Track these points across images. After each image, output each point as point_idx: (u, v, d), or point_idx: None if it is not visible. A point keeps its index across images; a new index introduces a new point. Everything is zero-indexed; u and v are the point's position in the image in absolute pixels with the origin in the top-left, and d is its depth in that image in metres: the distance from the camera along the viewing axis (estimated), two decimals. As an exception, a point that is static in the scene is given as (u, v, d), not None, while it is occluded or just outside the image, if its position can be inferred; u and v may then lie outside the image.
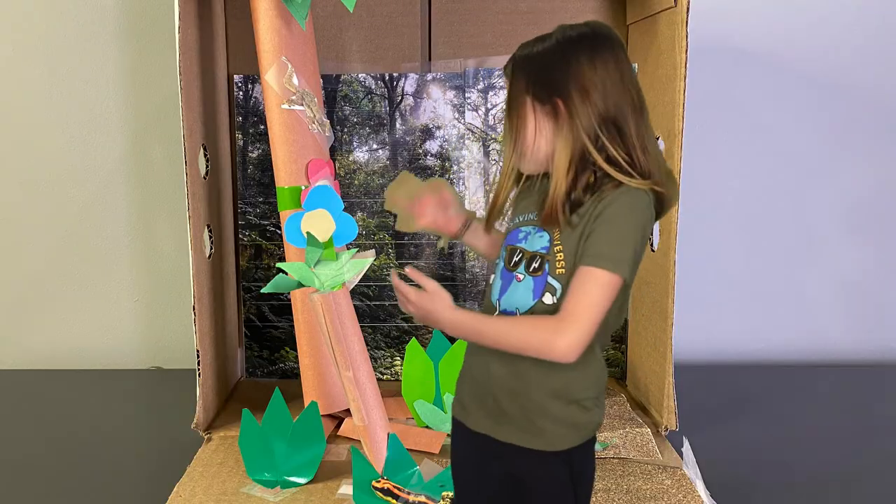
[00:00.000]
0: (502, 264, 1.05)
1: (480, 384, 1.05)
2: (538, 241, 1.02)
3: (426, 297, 1.04)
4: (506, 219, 1.10)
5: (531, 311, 1.01)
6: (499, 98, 2.02)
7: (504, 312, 1.04)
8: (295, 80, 1.63)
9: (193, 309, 1.71)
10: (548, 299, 1.00)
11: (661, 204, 1.02)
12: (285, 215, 1.65)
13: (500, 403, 1.03)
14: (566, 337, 0.94)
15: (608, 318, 1.00)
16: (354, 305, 1.62)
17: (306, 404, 1.67)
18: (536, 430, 1.02)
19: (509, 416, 1.03)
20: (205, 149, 1.83)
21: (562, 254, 1.00)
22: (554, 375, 1.00)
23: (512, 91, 1.03)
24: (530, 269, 1.02)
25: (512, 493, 1.06)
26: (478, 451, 1.07)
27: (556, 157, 0.99)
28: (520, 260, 1.03)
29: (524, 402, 1.02)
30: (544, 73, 1.01)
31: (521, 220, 1.06)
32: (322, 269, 1.56)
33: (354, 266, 1.57)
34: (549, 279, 1.00)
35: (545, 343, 0.95)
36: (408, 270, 1.08)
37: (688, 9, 1.64)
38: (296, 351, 1.89)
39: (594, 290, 0.95)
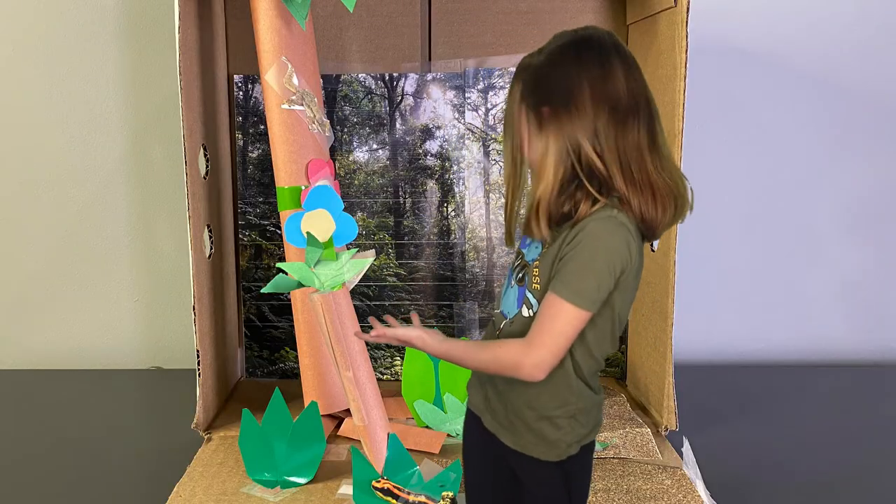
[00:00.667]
0: (511, 267, 1.09)
1: (478, 377, 1.11)
2: (533, 252, 1.04)
3: (415, 342, 1.07)
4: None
5: (513, 319, 1.05)
6: (499, 98, 2.02)
7: (500, 313, 1.08)
8: (295, 80, 1.63)
9: (193, 309, 1.71)
10: (525, 312, 1.03)
11: (648, 223, 0.98)
12: (285, 215, 1.65)
13: (489, 395, 1.08)
14: (531, 359, 0.98)
15: (590, 348, 1.01)
16: (354, 305, 1.62)
17: (306, 404, 1.67)
18: (515, 429, 1.05)
19: (494, 410, 1.07)
20: (205, 149, 1.83)
21: (538, 269, 1.02)
22: (524, 388, 1.03)
23: (509, 100, 1.03)
24: (517, 278, 1.05)
25: (512, 480, 1.10)
26: (483, 432, 1.10)
27: (538, 165, 0.98)
28: (517, 266, 1.06)
29: (506, 402, 1.06)
30: (534, 82, 1.00)
31: None
32: (322, 269, 1.56)
33: (354, 266, 1.57)
34: (527, 293, 1.03)
35: (514, 365, 0.99)
36: (373, 335, 1.10)
37: (688, 9, 1.64)
38: (296, 351, 1.89)
39: (558, 319, 0.97)
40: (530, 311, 1.02)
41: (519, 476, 1.08)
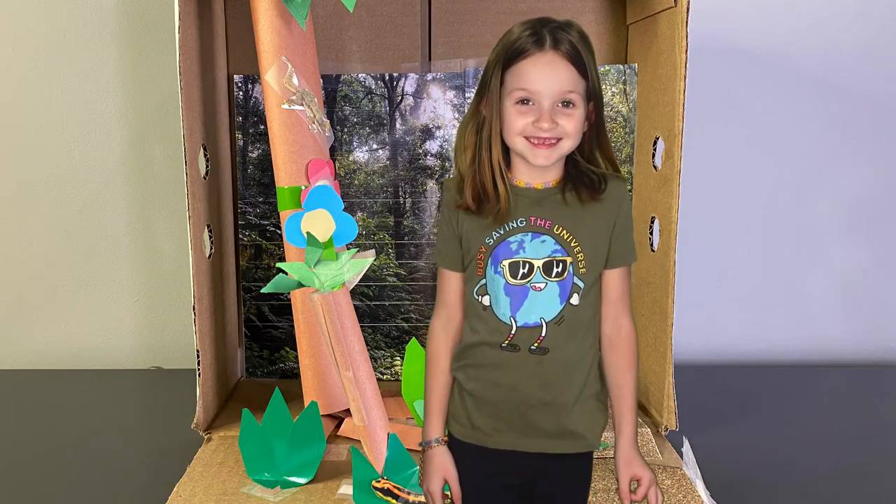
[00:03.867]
0: (503, 281, 1.03)
1: (495, 402, 1.05)
2: (542, 248, 1.02)
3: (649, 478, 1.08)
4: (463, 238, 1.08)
5: (560, 315, 1.02)
6: (499, 98, 2.02)
7: (525, 326, 1.03)
8: (295, 80, 1.63)
9: (193, 309, 1.71)
10: (575, 300, 1.03)
11: None
12: (285, 215, 1.65)
13: (528, 417, 1.05)
14: (631, 324, 1.07)
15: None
16: (354, 305, 1.62)
17: (306, 404, 1.67)
18: (570, 434, 1.06)
19: (540, 428, 1.05)
20: (205, 149, 1.83)
21: (582, 254, 1.02)
22: (579, 376, 1.04)
23: (577, 69, 1.01)
24: (552, 275, 1.02)
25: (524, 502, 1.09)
26: (494, 468, 1.08)
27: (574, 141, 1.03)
28: (529, 270, 1.02)
29: (554, 409, 1.04)
30: (594, 67, 1.03)
31: (503, 231, 1.03)
32: (322, 269, 1.56)
33: (354, 266, 1.57)
34: (576, 280, 1.02)
35: (635, 344, 1.09)
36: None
37: (688, 9, 1.64)
38: (296, 351, 1.89)
39: (629, 282, 1.07)
40: (579, 295, 1.03)
41: (550, 484, 1.07)
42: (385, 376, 2.10)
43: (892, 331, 2.37)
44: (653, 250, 1.86)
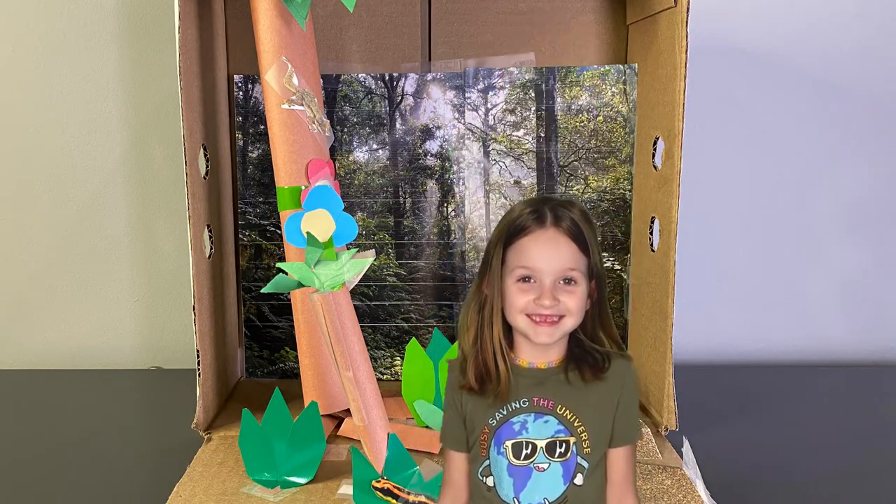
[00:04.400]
0: (506, 461, 1.02)
1: None
2: (546, 428, 1.01)
3: None
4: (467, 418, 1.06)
5: (564, 496, 1.02)
6: (498, 98, 2.02)
7: None
8: (295, 80, 1.63)
9: (193, 309, 1.71)
10: (578, 480, 1.02)
11: None
12: (285, 215, 1.65)
13: None
14: None
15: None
16: (354, 305, 1.62)
17: (306, 404, 1.67)
18: None
19: None
20: (205, 149, 1.83)
21: (586, 433, 1.01)
22: None
23: (578, 246, 1.00)
24: (556, 455, 1.01)
25: None
26: None
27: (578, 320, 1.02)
28: (532, 451, 1.02)
29: None
30: (595, 244, 1.02)
31: (505, 412, 1.02)
32: (322, 269, 1.56)
33: (354, 266, 1.57)
34: (579, 460, 1.02)
35: None
36: None
37: (688, 9, 1.64)
38: (296, 351, 1.89)
39: (634, 461, 1.05)
40: (583, 475, 1.02)
41: None
42: (385, 376, 2.10)
43: (892, 331, 2.37)
44: (653, 250, 1.86)
